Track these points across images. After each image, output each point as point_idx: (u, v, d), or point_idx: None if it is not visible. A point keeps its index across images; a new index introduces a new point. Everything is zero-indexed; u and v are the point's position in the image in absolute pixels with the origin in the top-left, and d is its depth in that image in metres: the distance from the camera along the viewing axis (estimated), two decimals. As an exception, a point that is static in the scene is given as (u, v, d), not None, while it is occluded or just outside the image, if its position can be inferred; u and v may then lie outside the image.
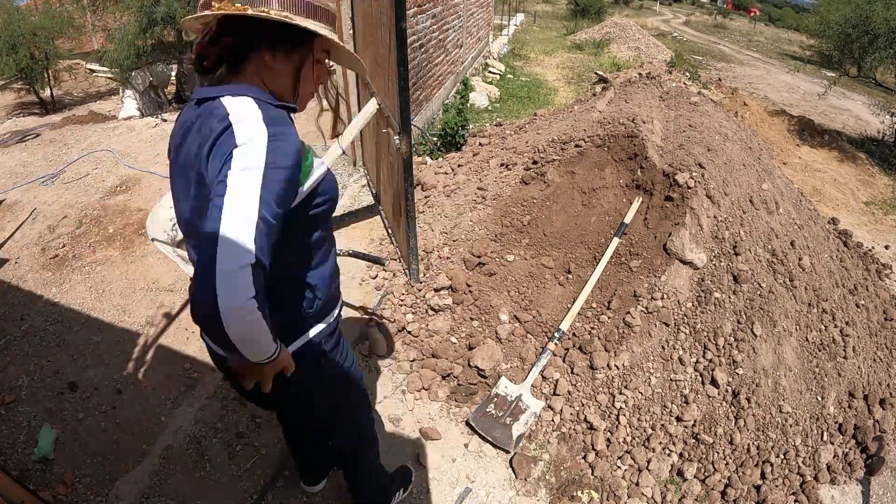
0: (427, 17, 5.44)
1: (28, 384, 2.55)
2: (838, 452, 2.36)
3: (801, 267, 2.90)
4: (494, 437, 2.28)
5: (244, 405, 2.44)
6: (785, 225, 3.15)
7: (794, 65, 15.17)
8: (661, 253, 2.70)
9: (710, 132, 3.48)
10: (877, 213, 5.46)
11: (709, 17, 30.41)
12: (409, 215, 2.82)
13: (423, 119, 5.58)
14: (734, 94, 8.65)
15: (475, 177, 3.93)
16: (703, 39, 19.34)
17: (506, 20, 15.11)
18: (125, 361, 2.69)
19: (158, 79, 7.21)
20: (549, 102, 8.08)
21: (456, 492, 2.13)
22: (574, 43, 14.60)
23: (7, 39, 7.26)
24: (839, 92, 11.28)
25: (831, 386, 2.53)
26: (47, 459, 2.17)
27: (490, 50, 10.57)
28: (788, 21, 27.84)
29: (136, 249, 3.54)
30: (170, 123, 6.27)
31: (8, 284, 3.26)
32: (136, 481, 2.12)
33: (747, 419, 2.30)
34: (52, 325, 2.93)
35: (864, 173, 6.38)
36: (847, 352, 2.67)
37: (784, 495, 2.18)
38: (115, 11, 7.91)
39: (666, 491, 2.18)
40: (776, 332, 2.53)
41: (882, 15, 6.77)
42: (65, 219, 3.95)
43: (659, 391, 2.40)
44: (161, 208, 2.94)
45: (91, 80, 10.00)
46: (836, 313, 2.81)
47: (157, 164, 4.91)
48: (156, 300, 3.11)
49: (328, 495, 2.09)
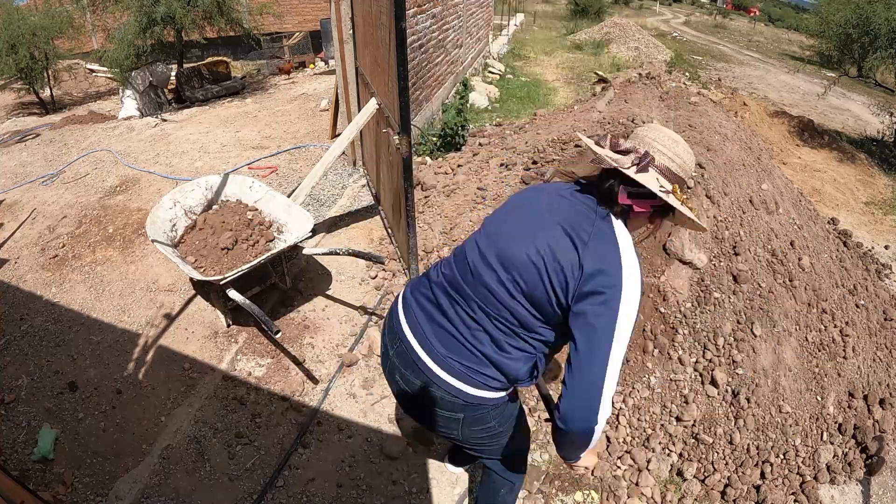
0: (427, 17, 5.44)
1: (28, 384, 2.55)
2: (838, 452, 2.36)
3: (800, 267, 2.90)
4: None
5: (244, 405, 2.44)
6: (785, 225, 3.15)
7: (794, 65, 15.18)
8: (661, 253, 2.70)
9: (709, 132, 3.48)
10: (876, 214, 5.47)
11: (709, 17, 30.40)
12: (409, 215, 2.82)
13: (423, 119, 5.58)
14: (734, 95, 8.65)
15: (475, 177, 3.93)
16: (702, 39, 19.34)
17: (506, 20, 15.11)
18: (125, 361, 2.69)
19: (158, 79, 7.21)
20: (549, 102, 8.09)
21: (456, 492, 2.13)
22: (574, 43, 14.61)
23: (7, 39, 7.27)
24: (839, 92, 11.28)
25: (831, 386, 2.53)
26: (47, 459, 2.17)
27: (490, 50, 10.57)
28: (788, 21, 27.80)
29: (136, 249, 3.54)
30: (170, 123, 6.27)
31: (8, 284, 3.27)
32: (135, 481, 2.12)
33: (747, 419, 2.30)
34: (51, 325, 2.93)
35: (864, 173, 6.38)
36: (847, 352, 2.67)
37: (784, 495, 2.18)
38: (115, 11, 7.91)
39: (666, 491, 2.18)
40: (776, 332, 2.53)
41: (882, 15, 6.77)
42: (65, 219, 3.95)
43: (658, 391, 2.40)
44: (161, 209, 2.93)
45: (91, 80, 10.00)
46: (836, 313, 2.81)
47: (157, 164, 4.92)
48: (156, 300, 3.11)
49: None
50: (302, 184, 3.30)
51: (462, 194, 3.66)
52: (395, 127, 2.66)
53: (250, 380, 2.59)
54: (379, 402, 2.48)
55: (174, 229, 2.94)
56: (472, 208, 3.41)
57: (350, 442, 2.30)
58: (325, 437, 2.32)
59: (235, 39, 9.44)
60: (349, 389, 2.54)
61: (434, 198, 3.82)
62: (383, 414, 2.42)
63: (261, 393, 2.51)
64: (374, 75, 3.31)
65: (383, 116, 3.09)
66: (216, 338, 2.83)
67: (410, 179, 2.74)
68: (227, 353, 2.73)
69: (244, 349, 2.76)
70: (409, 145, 2.64)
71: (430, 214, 3.59)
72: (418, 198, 3.87)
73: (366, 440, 2.31)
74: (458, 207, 3.51)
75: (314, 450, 2.26)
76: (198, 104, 7.54)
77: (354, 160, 4.81)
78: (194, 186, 3.13)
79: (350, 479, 2.15)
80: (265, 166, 4.86)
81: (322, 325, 2.92)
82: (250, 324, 2.89)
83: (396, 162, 2.83)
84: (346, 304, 3.05)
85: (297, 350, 2.75)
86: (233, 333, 2.85)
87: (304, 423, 2.36)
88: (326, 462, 2.21)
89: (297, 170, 4.78)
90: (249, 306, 2.41)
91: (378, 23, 2.90)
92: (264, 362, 2.69)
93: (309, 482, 2.13)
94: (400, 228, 3.10)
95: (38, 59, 7.63)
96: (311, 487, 2.11)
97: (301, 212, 2.96)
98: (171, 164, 4.91)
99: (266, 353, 2.74)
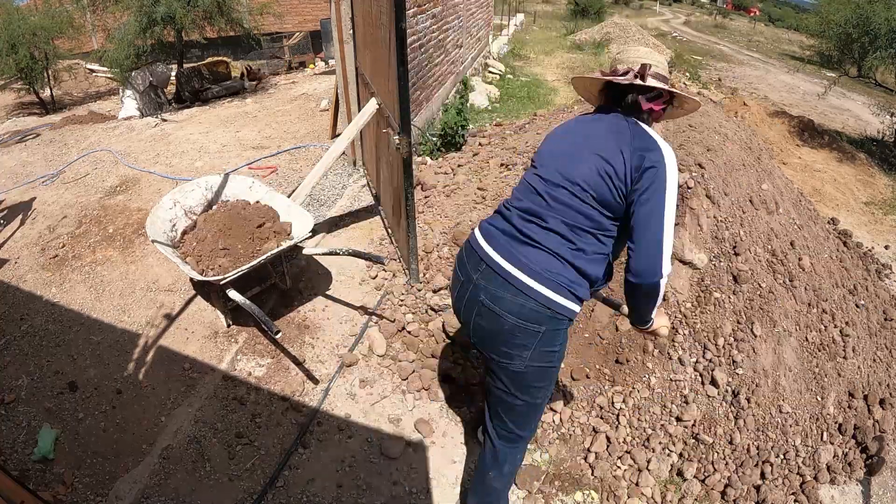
0: (427, 17, 5.44)
1: (28, 384, 2.55)
2: (838, 452, 2.36)
3: (800, 267, 2.90)
4: None
5: (244, 405, 2.44)
6: (785, 225, 3.15)
7: (794, 65, 15.18)
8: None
9: (709, 132, 3.48)
10: (877, 214, 5.47)
11: (709, 17, 30.39)
12: (409, 215, 2.82)
13: (423, 119, 5.58)
14: (734, 95, 8.65)
15: (475, 177, 3.93)
16: (702, 39, 19.34)
17: (506, 20, 15.11)
18: (125, 361, 2.69)
19: (158, 79, 7.21)
20: (549, 102, 8.09)
21: (456, 492, 2.13)
22: (574, 43, 14.61)
23: (7, 39, 7.27)
24: (839, 92, 11.28)
25: (831, 386, 2.53)
26: (47, 459, 2.17)
27: (490, 50, 10.57)
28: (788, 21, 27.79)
29: (136, 249, 3.54)
30: (170, 123, 6.27)
31: (8, 284, 3.27)
32: (135, 481, 2.12)
33: (747, 419, 2.30)
34: (51, 325, 2.93)
35: (864, 173, 6.38)
36: (847, 352, 2.67)
37: (784, 495, 2.18)
38: (115, 11, 7.92)
39: (666, 491, 2.18)
40: (776, 332, 2.53)
41: (882, 15, 6.78)
42: (65, 219, 3.95)
43: (658, 391, 2.40)
44: (161, 209, 2.93)
45: (91, 80, 10.00)
46: (836, 313, 2.81)
47: (157, 164, 4.92)
48: (155, 300, 3.11)
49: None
50: (302, 184, 3.30)
51: (462, 194, 3.66)
52: (395, 127, 2.66)
53: (250, 380, 2.59)
54: (379, 402, 2.48)
55: (174, 229, 2.94)
56: (472, 208, 3.41)
57: (350, 442, 2.30)
58: (325, 437, 2.32)
59: (235, 39, 9.44)
60: (349, 389, 2.54)
61: (434, 198, 3.82)
62: (383, 414, 2.42)
63: (261, 393, 2.51)
64: (374, 75, 3.31)
65: (383, 116, 3.09)
66: (216, 338, 2.83)
67: (410, 179, 2.74)
68: (227, 353, 2.73)
69: (244, 349, 2.76)
70: (409, 145, 2.64)
71: (431, 214, 3.59)
72: (418, 198, 3.87)
73: (366, 440, 2.31)
74: (458, 207, 3.51)
75: (314, 450, 2.26)
76: (198, 104, 7.54)
77: (354, 160, 4.81)
78: (194, 186, 3.12)
79: (350, 479, 2.15)
80: (265, 166, 4.86)
81: (322, 325, 2.92)
82: (250, 324, 2.89)
83: (396, 162, 2.83)
84: (346, 304, 3.05)
85: (297, 350, 2.75)
86: (233, 333, 2.85)
87: (304, 423, 2.36)
88: (326, 462, 2.21)
89: (297, 170, 4.78)
90: (249, 306, 2.41)
91: (378, 23, 2.90)
92: (264, 362, 2.69)
93: (309, 482, 2.13)
94: (400, 228, 3.10)
95: (38, 59, 7.64)
96: (311, 487, 2.11)
97: (301, 212, 2.96)
98: (171, 164, 4.91)
99: (266, 353, 2.74)
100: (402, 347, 2.72)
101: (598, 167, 1.45)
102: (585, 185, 1.46)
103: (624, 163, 1.43)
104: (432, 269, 3.08)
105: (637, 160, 1.41)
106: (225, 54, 9.62)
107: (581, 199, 1.46)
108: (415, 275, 3.03)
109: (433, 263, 3.11)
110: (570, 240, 1.47)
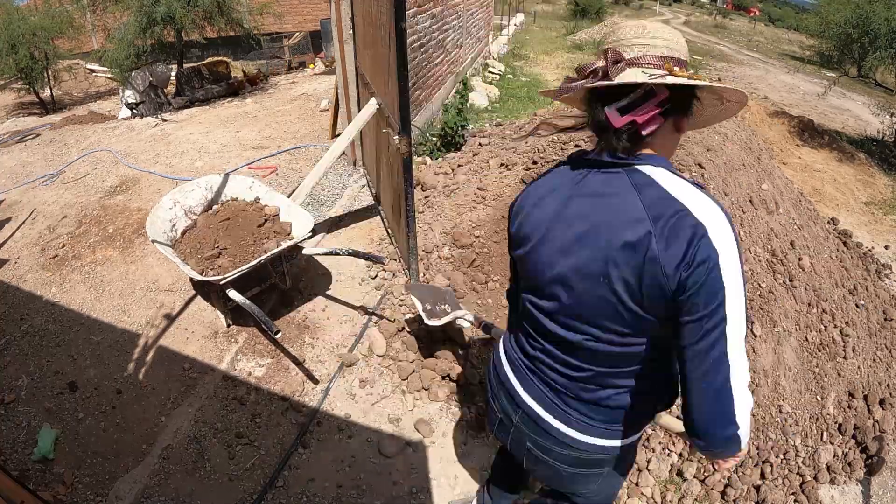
0: (427, 17, 5.44)
1: (28, 384, 2.55)
2: (838, 452, 2.36)
3: (800, 267, 2.90)
4: (424, 309, 2.34)
5: (244, 405, 2.44)
6: (785, 225, 3.15)
7: (794, 65, 15.18)
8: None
9: (709, 132, 3.48)
10: (877, 214, 5.47)
11: (709, 17, 30.39)
12: (409, 215, 2.82)
13: (423, 119, 5.58)
14: (734, 95, 8.63)
15: (475, 177, 3.93)
16: (702, 40, 19.33)
17: (506, 20, 15.10)
18: (125, 361, 2.69)
19: (158, 79, 7.21)
20: (549, 103, 8.08)
21: (456, 492, 2.13)
22: (574, 43, 14.61)
23: (7, 39, 7.27)
24: (839, 92, 11.28)
25: (831, 386, 2.53)
26: (47, 459, 2.18)
27: (490, 50, 10.57)
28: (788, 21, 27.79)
29: (136, 249, 3.54)
30: (170, 123, 6.27)
31: (8, 284, 3.27)
32: (135, 481, 2.12)
33: (747, 419, 2.30)
34: (51, 325, 2.93)
35: (864, 173, 6.38)
36: (847, 352, 2.67)
37: (784, 495, 2.18)
38: (115, 11, 7.92)
39: (666, 491, 2.18)
40: (776, 332, 2.53)
41: (882, 15, 6.78)
42: (65, 219, 3.95)
43: (659, 391, 2.40)
44: (161, 209, 2.93)
45: (91, 80, 10.01)
46: (836, 313, 2.81)
47: (157, 164, 4.92)
48: (155, 300, 3.11)
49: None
50: (302, 184, 3.30)
51: (462, 194, 3.66)
52: (395, 127, 2.66)
53: (250, 380, 2.59)
54: (379, 402, 2.48)
55: (174, 229, 2.94)
56: (472, 208, 3.41)
57: (350, 442, 2.30)
58: (325, 437, 2.32)
59: (235, 39, 9.44)
60: (349, 389, 2.54)
61: (434, 198, 3.82)
62: (383, 414, 2.42)
63: (261, 393, 2.51)
64: (374, 75, 3.31)
65: (383, 116, 3.09)
66: (216, 338, 2.83)
67: (410, 179, 2.73)
68: (227, 353, 2.74)
69: (244, 349, 2.76)
70: (409, 145, 2.64)
71: (431, 214, 3.59)
72: (418, 198, 3.87)
73: (366, 440, 2.31)
74: (458, 207, 3.51)
75: (314, 450, 2.26)
76: (198, 104, 7.54)
77: (354, 160, 4.81)
78: (194, 186, 3.13)
79: (350, 479, 2.15)
80: (265, 166, 4.86)
81: (322, 325, 2.92)
82: (250, 324, 2.89)
83: (396, 162, 2.83)
84: (346, 304, 3.05)
85: (297, 350, 2.75)
86: (233, 333, 2.85)
87: (304, 423, 2.36)
88: (326, 462, 2.21)
89: (297, 170, 4.78)
90: (249, 306, 2.41)
91: (378, 23, 2.90)
92: (264, 362, 2.69)
93: (309, 482, 2.13)
94: (400, 228, 3.10)
95: (38, 59, 7.64)
96: (311, 487, 2.11)
97: (301, 212, 2.96)
98: (171, 164, 4.91)
99: (266, 353, 2.74)
100: (402, 347, 2.72)
101: (603, 289, 0.98)
102: (602, 325, 1.03)
103: (633, 267, 0.93)
104: (432, 269, 3.08)
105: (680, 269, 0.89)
106: (225, 54, 9.62)
107: (594, 336, 1.05)
108: (415, 275, 3.03)
109: (433, 263, 3.11)
110: (605, 381, 1.11)
